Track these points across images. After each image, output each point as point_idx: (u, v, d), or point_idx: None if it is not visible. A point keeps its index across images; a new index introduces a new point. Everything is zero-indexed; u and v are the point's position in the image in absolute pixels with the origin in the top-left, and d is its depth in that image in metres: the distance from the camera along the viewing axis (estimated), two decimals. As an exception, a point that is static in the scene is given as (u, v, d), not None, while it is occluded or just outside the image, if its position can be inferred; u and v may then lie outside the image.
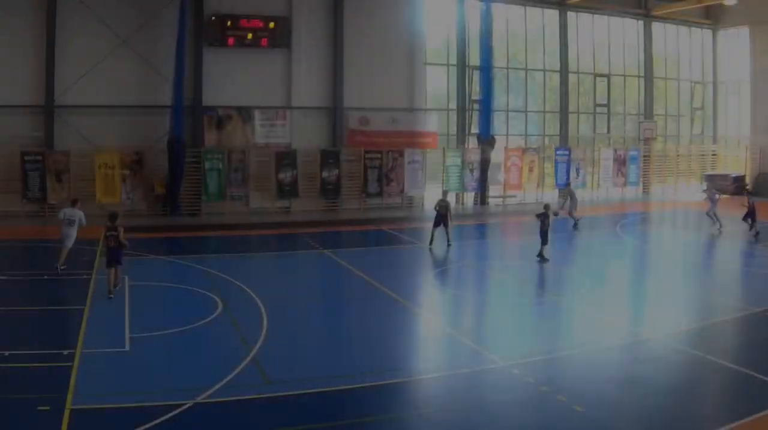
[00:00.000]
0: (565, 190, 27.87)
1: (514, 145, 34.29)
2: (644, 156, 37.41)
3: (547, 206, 20.64)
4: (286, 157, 29.28)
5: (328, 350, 13.04)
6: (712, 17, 39.87)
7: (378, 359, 12.21)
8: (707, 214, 25.92)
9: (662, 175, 38.16)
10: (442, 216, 22.27)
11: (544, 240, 19.87)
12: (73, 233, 18.55)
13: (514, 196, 32.99)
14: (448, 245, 22.34)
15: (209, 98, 29.10)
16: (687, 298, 17.00)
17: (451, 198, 29.03)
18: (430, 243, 22.52)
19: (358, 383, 10.98)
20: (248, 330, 13.62)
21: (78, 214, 18.76)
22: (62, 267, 18.19)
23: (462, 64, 32.60)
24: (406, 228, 26.77)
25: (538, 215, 20.17)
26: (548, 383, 10.81)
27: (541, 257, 19.90)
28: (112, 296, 15.97)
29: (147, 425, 9.33)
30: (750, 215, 24.22)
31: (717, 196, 26.34)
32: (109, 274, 16.28)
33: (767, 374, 11.07)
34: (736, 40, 39.63)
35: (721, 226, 25.46)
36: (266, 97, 29.70)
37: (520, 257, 20.49)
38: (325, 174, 29.68)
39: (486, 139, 31.62)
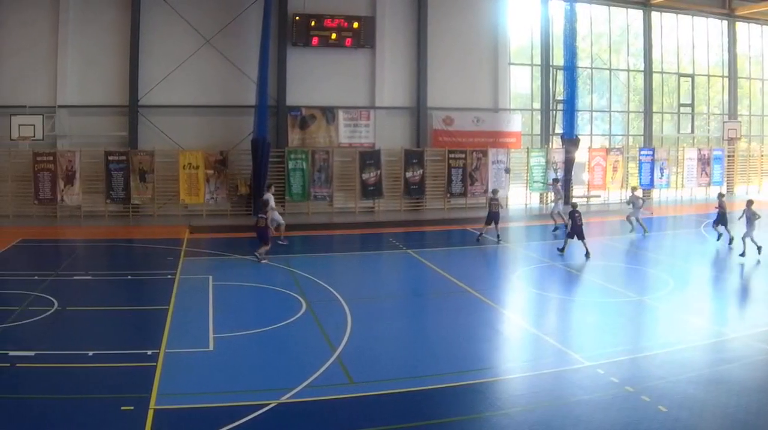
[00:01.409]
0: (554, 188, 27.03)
1: (597, 145, 33.95)
2: (728, 156, 36.62)
3: (574, 205, 21.45)
4: (369, 157, 29.10)
5: (412, 350, 12.91)
6: (798, 17, 38.88)
7: (462, 359, 12.12)
8: (627, 219, 25.18)
9: (746, 175, 37.29)
10: (495, 214, 23.25)
11: (580, 237, 20.40)
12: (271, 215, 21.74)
13: (598, 196, 32.36)
14: (498, 241, 23.24)
15: (293, 98, 29.10)
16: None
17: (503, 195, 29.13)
18: (479, 237, 23.70)
19: (442, 383, 10.89)
20: (332, 330, 13.56)
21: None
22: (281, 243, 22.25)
23: (546, 64, 32.21)
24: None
25: (570, 214, 21.00)
26: (632, 383, 10.71)
27: (561, 251, 20.96)
28: (261, 260, 19.47)
29: (231, 426, 9.29)
30: (719, 220, 22.31)
31: (641, 202, 25.30)
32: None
33: None
34: (821, 40, 38.61)
35: (636, 230, 24.73)
36: (350, 97, 29.59)
37: (603, 256, 20.28)
38: (408, 174, 29.42)
39: (570, 139, 31.17)
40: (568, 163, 31.17)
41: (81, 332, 13.70)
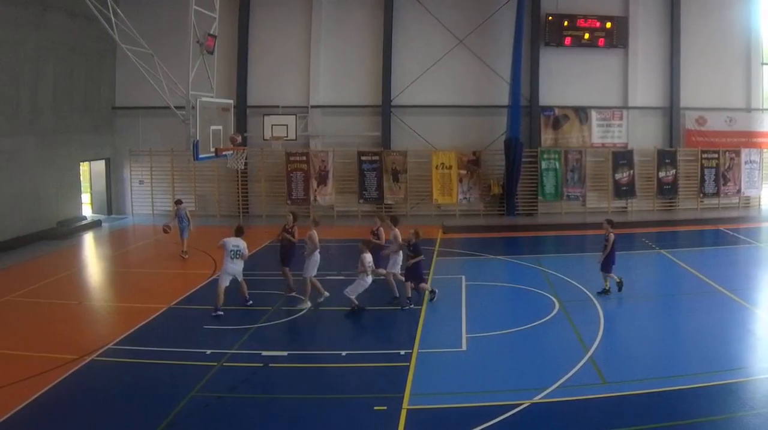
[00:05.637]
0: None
1: None
2: None
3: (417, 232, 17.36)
4: (622, 157, 28.94)
5: (664, 350, 12.79)
6: None
7: (714, 358, 11.92)
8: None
9: None
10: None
11: None
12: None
13: None
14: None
15: (545, 98, 29.09)
16: None
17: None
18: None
19: (694, 383, 10.74)
20: (585, 330, 13.63)
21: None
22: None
23: (798, 63, 31.50)
24: (742, 228, 25.94)
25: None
26: None
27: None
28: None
29: (483, 426, 9.36)
30: (607, 260, 16.39)
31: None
32: None
33: None
34: None
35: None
36: (602, 96, 29.41)
37: None
38: (661, 174, 29.15)
39: (821, 140, 30.46)
40: (820, 164, 30.57)
41: (334, 332, 14.03)
